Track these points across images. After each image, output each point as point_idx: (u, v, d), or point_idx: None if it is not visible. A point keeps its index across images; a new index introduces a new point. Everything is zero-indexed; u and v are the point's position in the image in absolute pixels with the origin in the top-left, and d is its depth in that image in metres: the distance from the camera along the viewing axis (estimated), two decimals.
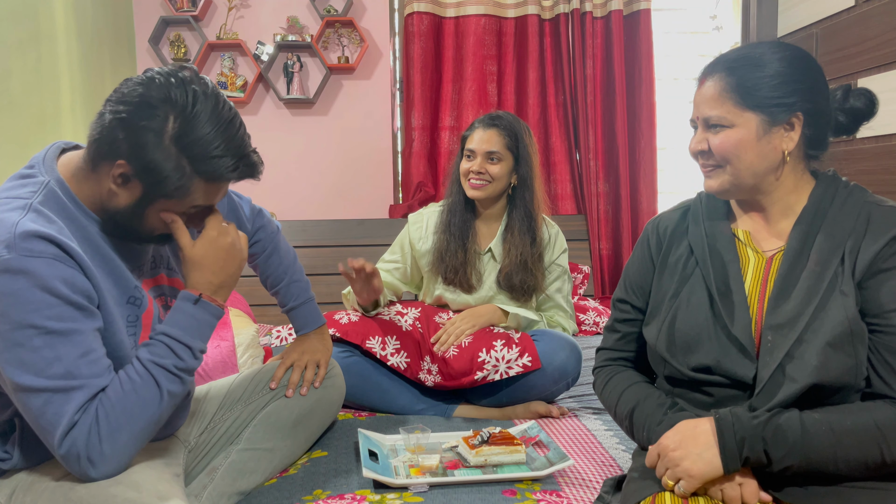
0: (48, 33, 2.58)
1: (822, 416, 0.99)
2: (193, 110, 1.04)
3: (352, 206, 3.46)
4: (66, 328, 0.99)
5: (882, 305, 1.01)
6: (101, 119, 1.05)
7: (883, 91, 2.36)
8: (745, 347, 1.06)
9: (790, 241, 1.09)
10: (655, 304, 1.19)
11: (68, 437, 1.00)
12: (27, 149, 2.44)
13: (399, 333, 1.90)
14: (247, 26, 3.36)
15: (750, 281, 1.11)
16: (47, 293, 0.97)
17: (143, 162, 1.03)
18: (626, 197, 3.45)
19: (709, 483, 1.01)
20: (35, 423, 1.00)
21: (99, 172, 1.07)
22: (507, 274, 1.99)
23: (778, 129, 1.08)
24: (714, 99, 1.10)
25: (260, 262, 1.63)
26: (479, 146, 1.98)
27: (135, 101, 1.03)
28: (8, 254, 0.96)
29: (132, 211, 1.08)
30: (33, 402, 0.98)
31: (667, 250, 1.21)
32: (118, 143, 1.03)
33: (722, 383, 1.08)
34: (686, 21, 3.82)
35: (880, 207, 1.06)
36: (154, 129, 1.02)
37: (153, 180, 1.04)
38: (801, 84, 1.07)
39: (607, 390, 1.25)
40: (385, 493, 1.31)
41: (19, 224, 0.98)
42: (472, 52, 3.39)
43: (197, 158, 1.05)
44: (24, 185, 1.06)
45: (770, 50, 1.09)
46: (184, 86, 1.04)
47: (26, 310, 0.96)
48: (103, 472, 1.03)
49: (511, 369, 1.81)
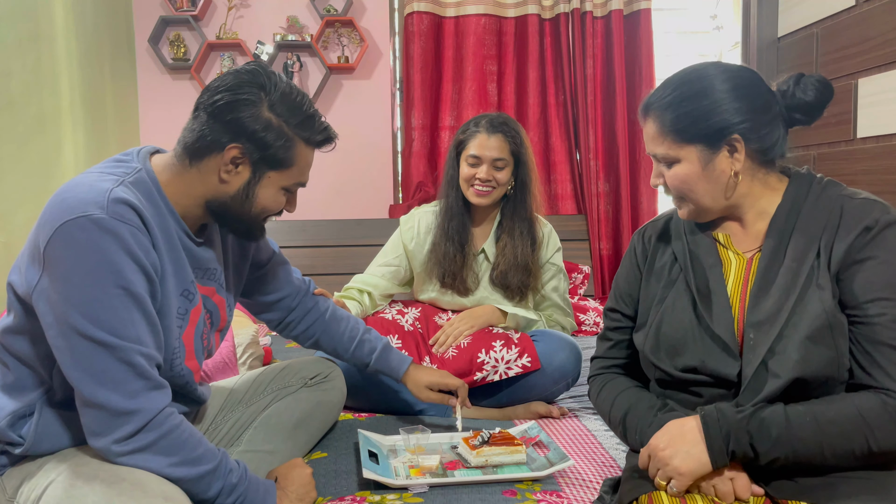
0: (48, 33, 2.58)
1: (806, 408, 1.00)
2: (279, 85, 1.17)
3: (352, 206, 3.46)
4: (140, 295, 1.05)
5: (857, 297, 1.03)
6: (196, 119, 1.16)
7: (883, 91, 2.37)
8: (728, 346, 1.08)
9: (766, 240, 1.11)
10: (643, 311, 1.22)
11: (138, 400, 1.02)
12: (27, 149, 2.44)
13: (401, 333, 1.90)
14: (246, 26, 3.36)
15: (732, 282, 1.13)
16: (130, 258, 1.03)
17: (249, 136, 1.14)
18: (627, 197, 3.45)
19: (700, 480, 1.03)
20: (97, 378, 1.01)
21: (202, 169, 1.16)
22: (501, 273, 1.98)
23: (719, 155, 1.09)
24: (655, 138, 1.13)
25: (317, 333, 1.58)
26: (485, 153, 1.93)
27: (228, 88, 1.15)
28: (101, 213, 1.01)
29: (244, 193, 1.18)
30: (103, 356, 1.01)
31: (652, 258, 1.24)
32: (223, 130, 1.14)
33: (709, 383, 1.10)
34: (686, 21, 3.82)
35: (853, 200, 1.07)
36: (253, 103, 1.14)
37: (261, 153, 1.16)
38: (732, 106, 1.07)
39: (601, 398, 1.28)
40: (385, 494, 1.31)
41: (112, 191, 1.05)
42: (473, 51, 3.38)
43: (294, 121, 1.17)
44: (118, 167, 1.14)
45: (702, 77, 1.10)
46: (264, 70, 1.18)
47: (110, 269, 1.01)
48: (118, 451, 1.03)
49: (510, 370, 1.81)
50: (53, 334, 1.02)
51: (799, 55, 2.81)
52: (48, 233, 1.01)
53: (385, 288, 2.08)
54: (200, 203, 1.19)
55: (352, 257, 3.13)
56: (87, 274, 1.00)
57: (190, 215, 1.20)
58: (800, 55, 2.80)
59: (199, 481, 1.08)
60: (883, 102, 2.35)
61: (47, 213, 1.04)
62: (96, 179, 1.08)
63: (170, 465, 1.05)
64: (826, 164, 2.63)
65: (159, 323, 1.10)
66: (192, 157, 1.16)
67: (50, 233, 1.01)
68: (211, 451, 1.10)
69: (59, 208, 1.02)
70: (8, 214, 2.33)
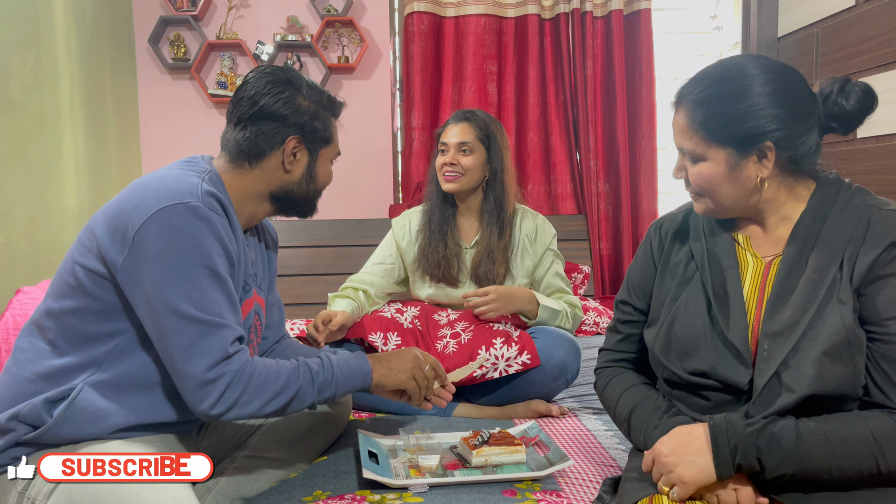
0: (48, 33, 2.58)
1: (818, 426, 0.98)
2: (298, 77, 1.33)
3: (352, 206, 3.46)
4: (224, 276, 1.16)
5: (879, 313, 1.00)
6: (240, 127, 1.29)
7: (883, 91, 2.36)
8: (740, 353, 1.06)
9: (788, 247, 1.08)
10: (656, 307, 1.19)
11: (219, 367, 1.11)
12: (27, 149, 2.44)
13: (400, 330, 1.91)
14: (246, 26, 3.36)
15: (748, 286, 1.10)
16: (219, 243, 1.16)
17: (301, 126, 1.30)
18: (626, 197, 3.44)
19: (704, 489, 1.00)
20: (185, 350, 1.10)
21: (265, 167, 1.30)
22: (474, 265, 2.03)
23: (748, 161, 1.06)
24: (683, 132, 1.09)
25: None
26: (451, 138, 2.03)
27: (264, 93, 1.28)
28: (196, 202, 1.14)
29: (308, 175, 1.34)
30: (189, 331, 1.10)
31: (668, 253, 1.21)
32: (278, 129, 1.29)
33: (718, 388, 1.08)
34: (686, 21, 3.82)
35: (881, 212, 1.04)
36: (292, 97, 1.30)
37: (313, 135, 1.32)
38: (770, 112, 1.03)
39: (607, 392, 1.26)
40: (385, 494, 1.31)
41: (202, 185, 1.18)
42: (472, 51, 3.38)
43: (322, 102, 1.34)
44: (192, 167, 1.25)
45: (743, 76, 1.05)
46: (279, 68, 1.34)
47: (202, 252, 1.12)
48: (216, 413, 1.13)
49: (511, 367, 1.81)
50: (145, 311, 1.12)
51: (799, 55, 2.81)
52: (142, 216, 1.11)
53: (381, 286, 2.10)
54: (261, 198, 1.33)
55: (352, 257, 3.13)
56: (180, 254, 1.11)
57: (244, 216, 1.32)
58: (800, 55, 2.80)
59: (295, 401, 1.21)
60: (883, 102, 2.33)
61: (138, 199, 1.14)
62: (183, 174, 1.20)
63: (264, 405, 1.17)
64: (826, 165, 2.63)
65: (237, 303, 1.20)
66: (252, 159, 1.30)
67: (144, 217, 1.11)
68: (292, 375, 1.21)
69: (154, 196, 1.13)
70: (8, 214, 2.33)
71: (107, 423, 1.15)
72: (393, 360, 1.38)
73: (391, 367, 1.36)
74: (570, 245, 3.26)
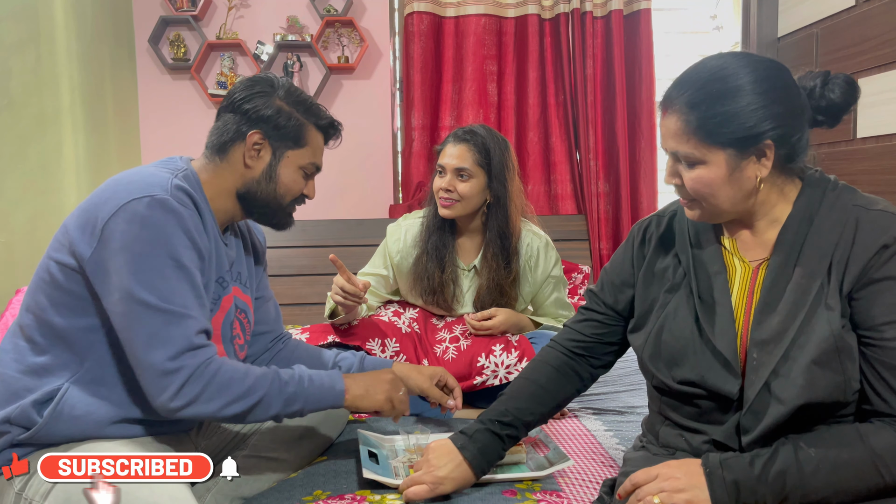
0: (48, 33, 2.58)
1: (819, 454, 0.96)
2: (288, 83, 1.35)
3: (352, 206, 3.46)
4: (191, 268, 1.16)
5: (874, 318, 0.98)
6: (220, 120, 1.32)
7: (883, 91, 2.36)
8: (729, 363, 1.04)
9: (775, 251, 1.06)
10: (642, 313, 1.18)
11: (181, 358, 1.10)
12: (27, 149, 2.44)
13: (399, 335, 1.90)
14: (246, 26, 3.36)
15: (737, 292, 1.09)
16: (186, 236, 1.16)
17: (266, 121, 1.29)
18: (626, 197, 3.44)
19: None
20: (147, 340, 1.10)
21: (230, 160, 1.30)
22: (480, 296, 1.96)
23: (748, 160, 1.02)
24: (678, 136, 1.04)
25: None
26: (449, 162, 1.91)
27: (243, 87, 1.31)
28: (165, 195, 1.15)
29: (268, 175, 1.32)
30: (153, 320, 1.10)
31: (652, 258, 1.19)
32: (243, 121, 1.29)
33: (708, 397, 1.07)
34: (686, 21, 3.82)
35: (868, 213, 1.01)
36: (267, 94, 1.30)
37: (277, 133, 1.30)
38: (768, 111, 1.00)
39: (527, 366, 1.38)
40: (385, 494, 1.31)
41: (173, 180, 1.19)
42: (472, 51, 3.38)
43: (303, 108, 1.33)
44: (168, 164, 1.27)
45: (733, 74, 1.02)
46: (272, 75, 1.36)
47: (168, 243, 1.13)
48: (175, 406, 1.10)
49: (511, 374, 1.80)
50: (111, 301, 1.12)
51: (799, 55, 2.81)
52: (111, 209, 1.12)
53: (375, 292, 2.07)
54: (232, 196, 1.32)
55: (352, 257, 3.12)
56: (146, 245, 1.11)
57: (220, 214, 1.32)
58: (800, 55, 2.80)
59: (258, 408, 1.18)
60: (883, 102, 2.35)
61: (108, 193, 1.15)
62: (155, 171, 1.21)
63: (224, 407, 1.14)
64: (826, 165, 2.63)
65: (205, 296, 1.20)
66: (219, 151, 1.31)
67: (113, 209, 1.12)
68: (260, 379, 1.19)
69: (125, 190, 1.14)
70: (8, 214, 2.33)
71: (97, 419, 1.15)
72: (370, 381, 1.36)
73: (367, 389, 1.34)
74: (570, 245, 3.25)
